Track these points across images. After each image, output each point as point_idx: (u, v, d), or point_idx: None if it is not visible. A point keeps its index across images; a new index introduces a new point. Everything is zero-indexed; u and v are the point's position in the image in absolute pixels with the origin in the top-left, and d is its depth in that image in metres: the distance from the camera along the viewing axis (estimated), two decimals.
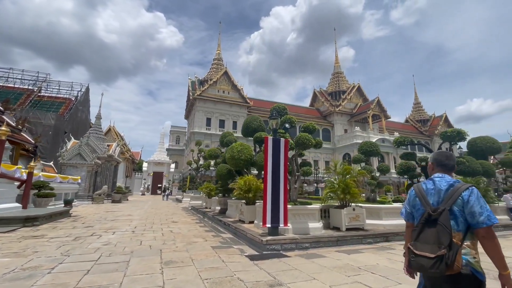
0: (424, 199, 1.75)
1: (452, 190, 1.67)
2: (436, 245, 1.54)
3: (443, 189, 1.73)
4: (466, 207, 1.61)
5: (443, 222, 1.59)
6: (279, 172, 6.83)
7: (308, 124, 7.90)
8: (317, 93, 62.29)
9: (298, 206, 7.28)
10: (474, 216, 1.58)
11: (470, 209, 1.59)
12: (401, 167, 11.60)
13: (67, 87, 44.13)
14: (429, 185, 1.81)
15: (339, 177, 8.27)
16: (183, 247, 5.91)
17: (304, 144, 7.06)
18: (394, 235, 7.56)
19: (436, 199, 1.71)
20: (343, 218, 7.62)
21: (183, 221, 10.74)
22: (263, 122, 12.10)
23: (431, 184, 1.81)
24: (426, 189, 1.81)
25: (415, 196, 1.82)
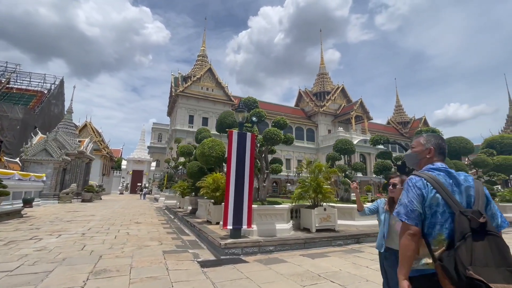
0: (451, 197, 1.31)
1: (477, 187, 1.34)
2: (505, 268, 1.09)
3: (471, 185, 1.33)
4: (489, 208, 1.33)
5: (494, 231, 1.19)
6: (243, 169, 6.29)
7: (279, 119, 7.42)
8: (302, 93, 62.52)
9: (265, 206, 6.77)
10: (495, 218, 1.32)
11: (493, 209, 1.33)
12: (377, 167, 11.41)
13: (39, 79, 41.62)
14: (447, 179, 1.36)
15: (311, 175, 7.85)
16: (130, 252, 5.23)
17: (272, 139, 6.57)
18: (366, 236, 7.22)
19: (465, 198, 1.32)
20: (313, 219, 7.20)
21: (148, 222, 9.98)
22: None
23: (447, 177, 1.36)
24: (447, 183, 1.34)
25: (434, 192, 1.31)
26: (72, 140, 23.43)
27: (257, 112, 7.11)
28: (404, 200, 1.37)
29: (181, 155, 13.52)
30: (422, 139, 1.56)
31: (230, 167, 6.16)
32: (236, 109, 6.56)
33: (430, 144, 1.50)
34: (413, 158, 1.59)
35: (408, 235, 1.31)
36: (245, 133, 6.50)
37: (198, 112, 46.26)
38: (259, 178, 7.29)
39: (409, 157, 1.62)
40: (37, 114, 36.22)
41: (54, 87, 42.22)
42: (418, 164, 1.56)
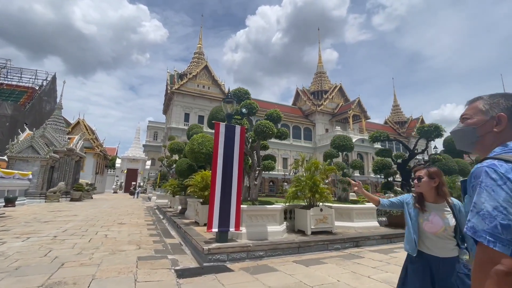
0: None
1: None
2: None
3: None
4: None
5: None
6: (231, 165, 5.68)
7: (272, 111, 6.83)
8: (300, 92, 62.00)
9: (256, 207, 6.16)
10: None
11: None
12: (377, 165, 10.87)
13: (31, 75, 40.57)
14: None
15: (306, 173, 7.25)
16: (98, 259, 4.59)
17: (263, 132, 5.96)
18: (365, 240, 6.65)
19: None
20: (309, 220, 6.61)
21: (132, 223, 9.32)
22: None
23: None
24: None
25: None
26: (61, 137, 22.63)
27: (248, 104, 6.50)
28: (485, 206, 0.77)
29: (171, 152, 12.88)
30: (483, 102, 0.96)
31: (216, 163, 5.54)
32: (224, 99, 5.94)
33: (498, 109, 0.90)
34: (469, 135, 0.98)
35: (497, 275, 0.70)
36: (234, 126, 5.88)
37: (194, 110, 45.49)
38: (250, 176, 6.68)
39: (461, 133, 1.01)
40: (27, 110, 35.25)
41: (45, 83, 41.21)
42: (478, 143, 0.95)
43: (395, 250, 6.03)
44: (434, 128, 9.36)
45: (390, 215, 8.17)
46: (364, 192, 2.38)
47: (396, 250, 6.02)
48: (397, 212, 7.95)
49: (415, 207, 1.95)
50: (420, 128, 9.82)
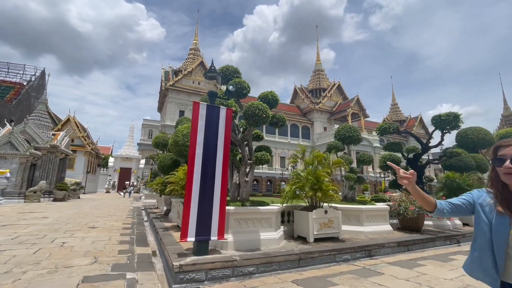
0: None
1: None
2: None
3: None
4: None
5: None
6: (214, 157, 4.47)
7: (267, 93, 5.64)
8: (298, 90, 60.90)
9: (246, 208, 4.96)
10: None
11: None
12: (384, 160, 9.71)
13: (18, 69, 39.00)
14: None
15: (308, 167, 6.07)
16: (26, 281, 3.36)
17: (256, 116, 4.76)
18: (379, 248, 5.48)
19: None
20: (311, 224, 5.43)
21: (107, 227, 8.08)
22: None
23: None
24: None
25: None
26: (44, 133, 21.24)
27: (238, 82, 5.30)
28: None
29: (156, 147, 11.69)
30: None
31: (194, 154, 4.33)
32: (206, 73, 4.73)
33: None
34: None
35: None
36: (218, 107, 4.68)
37: (189, 107, 44.12)
38: (240, 171, 5.49)
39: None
40: (13, 106, 33.74)
41: (34, 78, 39.63)
42: None
43: (419, 262, 4.86)
44: (453, 117, 8.22)
45: (404, 216, 7.02)
46: (416, 190, 1.51)
47: (420, 262, 4.86)
48: (412, 214, 6.81)
49: (499, 211, 1.28)
50: (436, 117, 8.67)
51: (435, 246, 6.39)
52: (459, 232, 7.40)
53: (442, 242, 6.62)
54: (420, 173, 9.35)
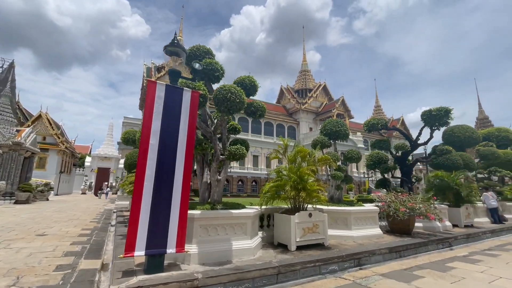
0: None
1: None
2: None
3: None
4: None
5: None
6: (173, 150, 3.62)
7: (245, 77, 4.84)
8: (284, 90, 60.65)
9: (215, 212, 4.13)
10: None
11: None
12: (372, 159, 9.20)
13: None
14: None
15: (290, 164, 5.33)
16: None
17: (227, 101, 3.93)
18: (369, 256, 4.82)
19: None
20: (293, 230, 4.68)
21: (59, 234, 6.96)
22: None
23: None
24: None
25: None
26: (6, 129, 19.32)
27: (208, 63, 4.44)
28: None
29: (125, 144, 10.62)
30: None
31: (146, 146, 3.45)
32: (166, 47, 3.86)
33: None
34: None
35: None
36: (181, 89, 3.82)
37: None
38: (211, 168, 4.65)
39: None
40: None
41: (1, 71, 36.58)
42: None
43: (416, 273, 4.23)
44: (444, 112, 7.80)
45: (394, 218, 6.45)
46: None
47: (417, 273, 4.23)
48: (403, 216, 6.24)
49: None
50: (426, 112, 8.22)
51: (428, 251, 5.84)
52: (450, 234, 6.94)
53: (435, 246, 6.10)
54: (408, 172, 8.90)
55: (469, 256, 5.49)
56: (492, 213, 9.58)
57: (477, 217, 9.36)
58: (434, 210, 6.69)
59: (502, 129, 14.56)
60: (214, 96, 4.14)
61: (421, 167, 47.76)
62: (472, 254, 5.69)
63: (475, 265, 4.66)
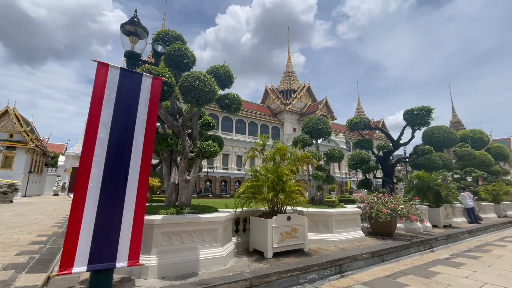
0: None
1: None
2: None
3: None
4: None
5: None
6: (128, 146, 3.07)
7: (218, 66, 4.36)
8: (269, 90, 60.58)
9: (181, 217, 3.62)
10: None
11: None
12: (354, 159, 9.01)
13: None
14: None
15: (268, 163, 4.91)
16: None
17: (194, 90, 3.42)
18: (351, 261, 4.49)
19: None
20: (270, 235, 4.26)
21: (6, 242, 6.11)
22: None
23: None
24: None
25: None
26: None
27: (177, 48, 3.91)
28: None
29: None
30: None
31: (92, 138, 2.89)
32: (123, 25, 3.31)
33: None
34: None
35: None
36: (139, 74, 3.29)
37: None
38: (179, 167, 4.13)
39: None
40: None
41: None
42: None
43: (399, 280, 3.93)
44: (426, 111, 7.74)
45: (376, 220, 6.21)
46: None
47: (401, 280, 3.93)
48: (385, 218, 6.01)
49: None
50: (408, 111, 8.14)
51: (410, 254, 5.64)
52: (431, 235, 6.83)
53: (416, 248, 5.92)
54: (390, 172, 8.80)
55: (451, 258, 5.33)
56: (468, 213, 9.71)
57: (455, 217, 9.44)
58: (416, 211, 6.54)
59: (477, 131, 15.06)
60: (180, 85, 3.63)
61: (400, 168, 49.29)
62: (454, 256, 5.55)
63: (458, 269, 4.47)
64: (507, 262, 5.00)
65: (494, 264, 4.80)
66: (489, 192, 12.18)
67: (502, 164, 17.52)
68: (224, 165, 41.75)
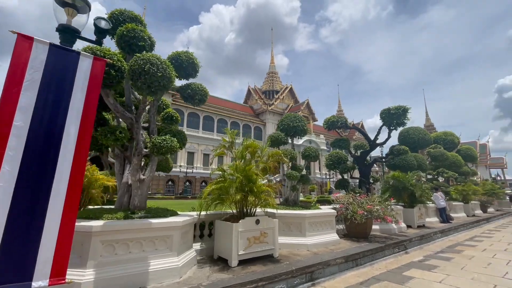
0: None
1: None
2: None
3: None
4: None
5: None
6: (58, 137, 2.54)
7: (181, 52, 3.88)
8: (252, 90, 60.31)
9: (127, 223, 3.11)
10: None
11: None
12: (331, 158, 8.84)
13: None
14: None
15: (237, 161, 4.50)
16: None
17: (145, 74, 2.91)
18: (324, 267, 4.19)
19: None
20: (235, 241, 3.85)
21: None
22: None
23: None
24: None
25: None
26: None
27: (130, 29, 3.39)
28: None
29: None
30: None
31: (5, 128, 2.33)
32: None
33: None
34: None
35: None
36: (76, 52, 2.75)
37: None
38: (132, 165, 3.61)
39: None
40: None
41: None
42: None
43: (373, 287, 3.67)
44: (402, 111, 7.73)
45: (352, 222, 6.00)
46: None
47: (375, 287, 3.67)
48: (361, 219, 5.81)
49: None
50: (385, 111, 8.10)
51: (385, 256, 5.46)
52: (405, 237, 6.74)
53: (391, 250, 5.76)
54: (366, 172, 8.73)
55: (425, 261, 5.21)
56: (441, 212, 9.89)
57: (428, 217, 9.55)
58: (391, 212, 6.42)
59: (448, 133, 15.63)
60: (129, 68, 3.12)
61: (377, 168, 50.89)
62: (427, 258, 5.44)
63: (432, 273, 4.30)
64: (478, 264, 4.95)
65: (466, 266, 4.71)
66: (459, 192, 12.59)
67: (470, 165, 18.40)
68: (189, 164, 39.38)
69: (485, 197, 15.21)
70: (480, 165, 44.99)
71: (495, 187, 17.73)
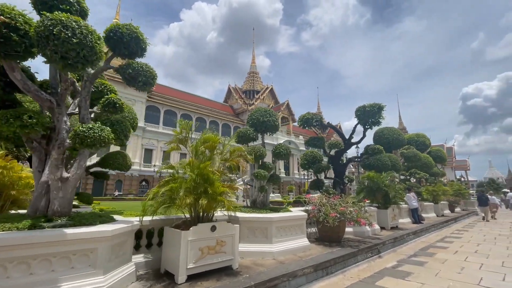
0: None
1: None
2: None
3: None
4: None
5: None
6: None
7: (123, 24, 3.17)
8: (232, 90, 59.55)
9: (32, 235, 2.37)
10: None
11: None
12: (306, 158, 8.44)
13: None
14: None
15: (193, 157, 3.86)
16: None
17: (55, 39, 2.22)
18: (289, 279, 3.66)
19: None
20: (184, 252, 3.20)
21: None
22: None
23: None
24: None
25: None
26: None
27: None
28: None
29: None
30: None
31: None
32: None
33: None
34: None
35: None
36: None
37: None
38: (51, 160, 2.86)
39: None
40: None
41: None
42: None
43: None
44: (377, 108, 7.51)
45: (324, 225, 5.57)
46: None
47: None
48: (333, 222, 5.40)
49: None
50: (360, 108, 7.85)
51: (357, 262, 5.08)
52: (379, 240, 6.45)
53: (364, 255, 5.40)
54: (341, 172, 8.44)
55: (398, 266, 4.89)
56: (413, 213, 9.87)
57: (401, 218, 9.47)
58: (365, 214, 6.08)
59: (420, 135, 16.03)
60: (34, 31, 2.38)
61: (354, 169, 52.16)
62: (401, 263, 5.13)
63: (406, 281, 3.95)
64: (452, 268, 4.70)
65: (440, 272, 4.42)
66: (430, 192, 12.80)
67: (439, 166, 19.07)
68: (146, 161, 36.13)
69: (453, 197, 15.73)
70: (447, 166, 47.78)
71: (462, 188, 18.49)
